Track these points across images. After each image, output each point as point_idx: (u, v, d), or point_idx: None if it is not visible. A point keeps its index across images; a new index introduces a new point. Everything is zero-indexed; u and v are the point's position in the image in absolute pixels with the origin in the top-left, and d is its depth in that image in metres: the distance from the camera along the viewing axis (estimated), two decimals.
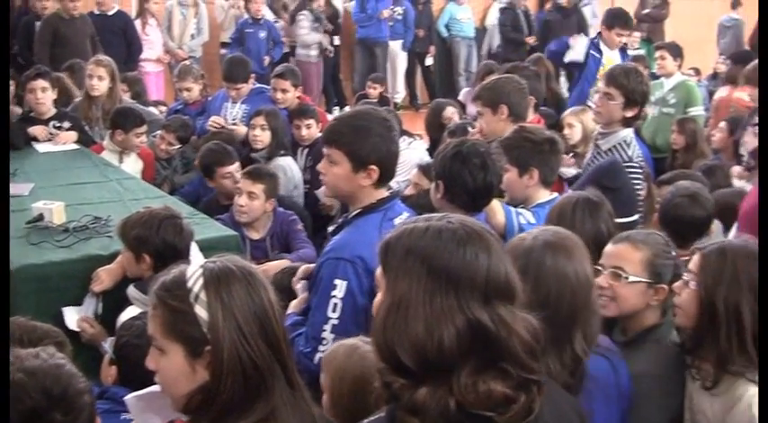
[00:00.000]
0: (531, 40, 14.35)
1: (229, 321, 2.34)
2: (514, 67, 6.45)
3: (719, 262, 3.12)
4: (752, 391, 2.98)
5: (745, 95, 7.89)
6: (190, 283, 2.38)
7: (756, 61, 7.42)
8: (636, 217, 4.26)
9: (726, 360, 3.05)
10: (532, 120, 5.77)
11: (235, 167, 6.63)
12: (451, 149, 4.25)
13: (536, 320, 2.15)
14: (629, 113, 5.36)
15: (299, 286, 4.04)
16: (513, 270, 2.16)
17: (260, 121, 7.35)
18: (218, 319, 2.34)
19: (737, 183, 6.57)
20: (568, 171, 6.56)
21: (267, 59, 12.99)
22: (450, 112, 8.41)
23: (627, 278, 3.35)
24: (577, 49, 8.99)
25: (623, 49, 9.14)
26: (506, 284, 2.12)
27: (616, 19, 9.08)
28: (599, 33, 9.16)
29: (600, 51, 8.91)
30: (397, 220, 3.68)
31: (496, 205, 4.33)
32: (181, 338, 2.37)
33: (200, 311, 2.35)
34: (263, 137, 7.25)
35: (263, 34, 13.24)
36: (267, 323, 2.40)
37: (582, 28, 14.88)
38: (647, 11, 16.84)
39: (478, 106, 5.48)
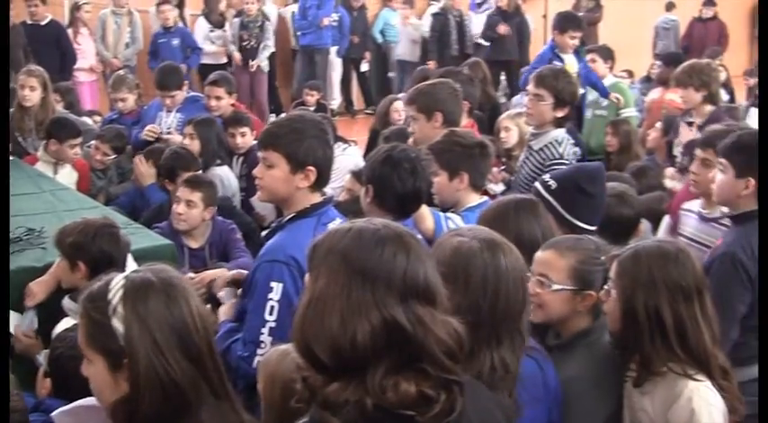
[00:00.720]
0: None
1: (144, 335, 2.35)
2: (449, 72, 6.49)
3: (634, 267, 3.19)
4: (690, 386, 3.06)
5: (677, 97, 8.00)
6: (110, 295, 2.40)
7: (686, 63, 7.53)
8: (595, 228, 4.28)
9: (650, 361, 3.13)
10: (466, 124, 5.80)
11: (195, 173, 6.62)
12: (382, 154, 4.27)
13: (459, 324, 2.18)
14: (560, 113, 5.46)
15: (221, 293, 4.05)
16: (435, 274, 2.19)
17: (188, 130, 7.31)
18: (134, 332, 2.36)
19: (669, 184, 6.66)
20: (497, 187, 6.61)
21: (184, 68, 12.86)
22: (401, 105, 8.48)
23: (551, 286, 3.36)
24: None
25: (576, 52, 9.28)
26: (425, 286, 2.15)
27: (568, 22, 9.20)
28: (553, 39, 9.28)
29: (560, 58, 9.04)
30: (331, 225, 3.69)
31: (425, 211, 4.35)
32: (102, 350, 2.40)
33: (117, 324, 2.37)
34: (191, 146, 7.14)
35: (175, 42, 13.19)
36: (187, 336, 2.41)
37: (522, 31, 15.08)
38: (579, 14, 17.03)
39: (412, 111, 5.47)
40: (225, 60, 14.08)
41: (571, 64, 8.96)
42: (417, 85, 5.74)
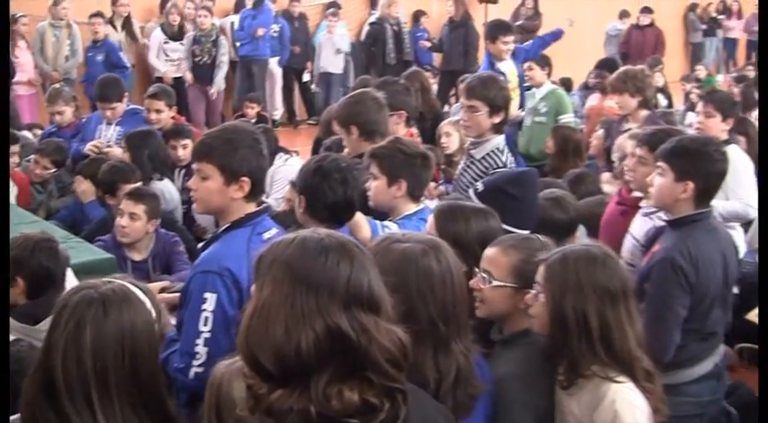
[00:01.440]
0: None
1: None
2: (384, 82, 6.50)
3: (563, 271, 3.24)
4: (614, 388, 3.12)
5: (614, 103, 8.10)
6: None
7: (620, 70, 7.64)
8: (526, 232, 4.31)
9: (577, 364, 3.18)
10: (405, 134, 5.82)
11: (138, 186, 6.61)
12: (313, 164, 4.33)
13: (403, 333, 2.21)
14: (497, 119, 5.51)
15: None
16: (379, 282, 2.22)
17: (122, 143, 7.28)
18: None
19: (607, 188, 6.74)
20: (432, 203, 6.61)
21: None
22: None
23: (491, 282, 3.42)
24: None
25: (514, 56, 9.35)
26: (369, 294, 2.17)
27: (497, 30, 9.28)
28: (488, 51, 9.34)
29: (498, 69, 9.12)
30: (267, 235, 3.76)
31: (362, 220, 4.39)
32: None
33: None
34: (125, 159, 7.06)
35: (100, 57, 13.05)
36: None
37: (469, 41, 15.19)
38: (519, 22, 17.22)
39: (336, 126, 5.52)
40: (181, 74, 13.91)
41: (510, 70, 9.04)
42: (340, 100, 5.75)
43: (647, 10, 17.72)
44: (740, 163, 6.31)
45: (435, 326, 2.76)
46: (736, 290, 6.39)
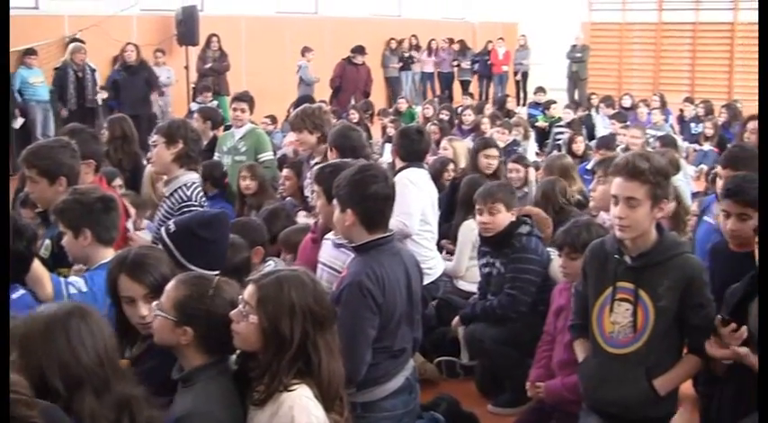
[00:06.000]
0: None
1: None
2: (73, 130, 6.31)
3: (278, 292, 3.42)
4: (293, 396, 3.33)
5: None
6: None
7: (298, 109, 7.93)
8: (215, 273, 4.36)
9: (278, 380, 3.35)
10: (93, 180, 5.75)
11: None
12: None
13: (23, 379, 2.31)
14: (173, 149, 5.76)
15: None
16: None
17: None
18: None
19: (302, 220, 6.98)
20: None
21: None
22: None
23: (157, 313, 3.56)
24: None
25: None
26: None
27: None
28: None
29: None
30: None
31: (44, 276, 4.44)
32: None
33: None
34: None
35: None
36: None
37: (150, 84, 15.19)
38: (208, 65, 17.42)
39: (33, 174, 5.33)
40: None
41: None
42: (30, 149, 5.48)
43: (360, 50, 18.43)
44: (407, 181, 6.59)
45: (93, 372, 3.01)
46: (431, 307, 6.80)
